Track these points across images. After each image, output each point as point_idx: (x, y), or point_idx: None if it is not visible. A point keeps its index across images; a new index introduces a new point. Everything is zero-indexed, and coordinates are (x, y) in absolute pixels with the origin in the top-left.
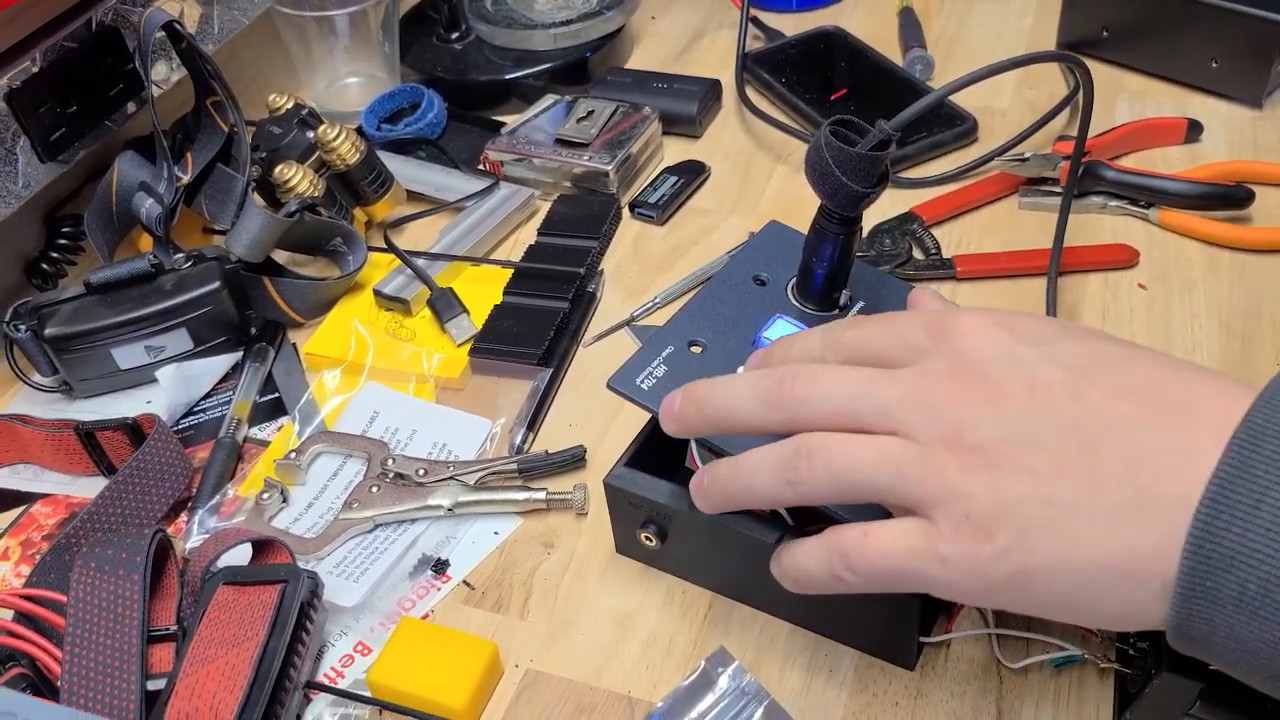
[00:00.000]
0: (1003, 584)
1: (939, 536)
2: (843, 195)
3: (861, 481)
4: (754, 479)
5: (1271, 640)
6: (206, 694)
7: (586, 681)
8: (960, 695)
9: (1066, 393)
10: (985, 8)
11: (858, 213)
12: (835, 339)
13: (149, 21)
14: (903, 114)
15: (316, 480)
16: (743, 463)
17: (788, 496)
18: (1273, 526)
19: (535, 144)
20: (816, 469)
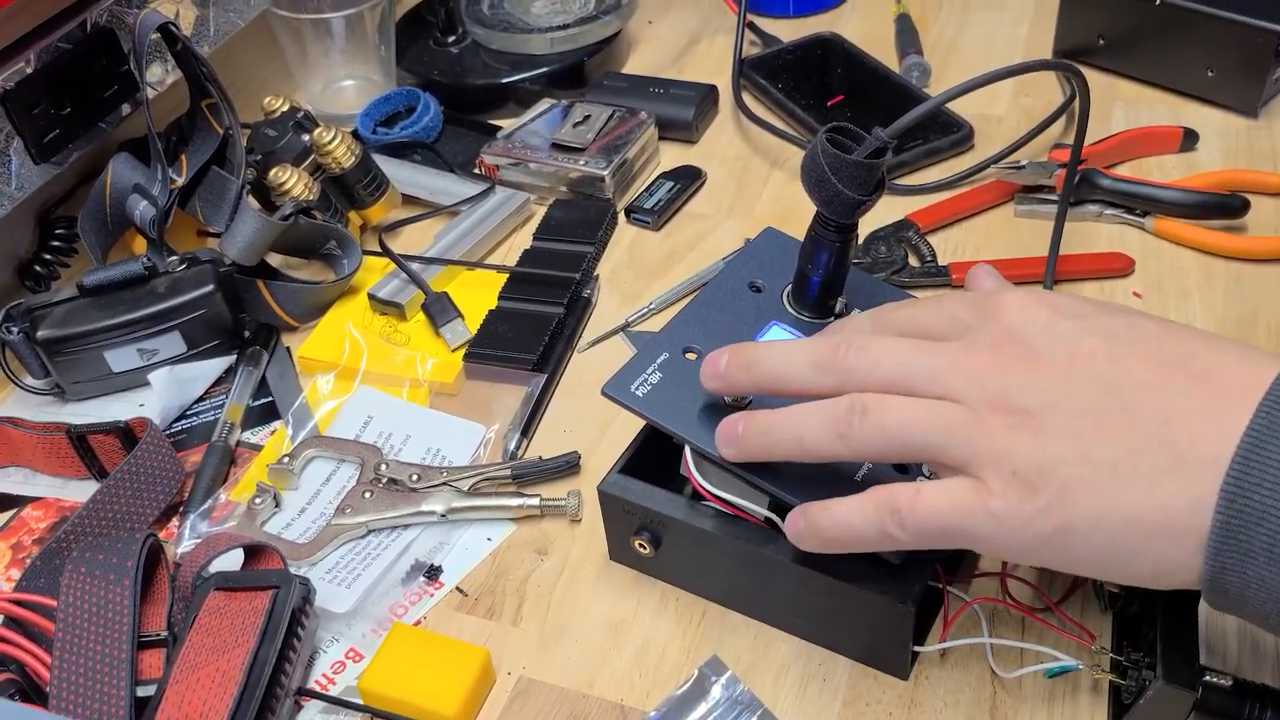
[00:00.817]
0: (1045, 540)
1: (988, 493)
2: (839, 202)
3: (911, 440)
4: (804, 430)
5: None
6: (197, 701)
7: (579, 689)
8: (954, 705)
9: (1105, 361)
10: (981, 15)
11: (854, 220)
12: (886, 318)
13: (144, 23)
14: (899, 121)
15: (309, 485)
16: (792, 414)
17: (837, 450)
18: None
19: (531, 148)
20: (869, 425)
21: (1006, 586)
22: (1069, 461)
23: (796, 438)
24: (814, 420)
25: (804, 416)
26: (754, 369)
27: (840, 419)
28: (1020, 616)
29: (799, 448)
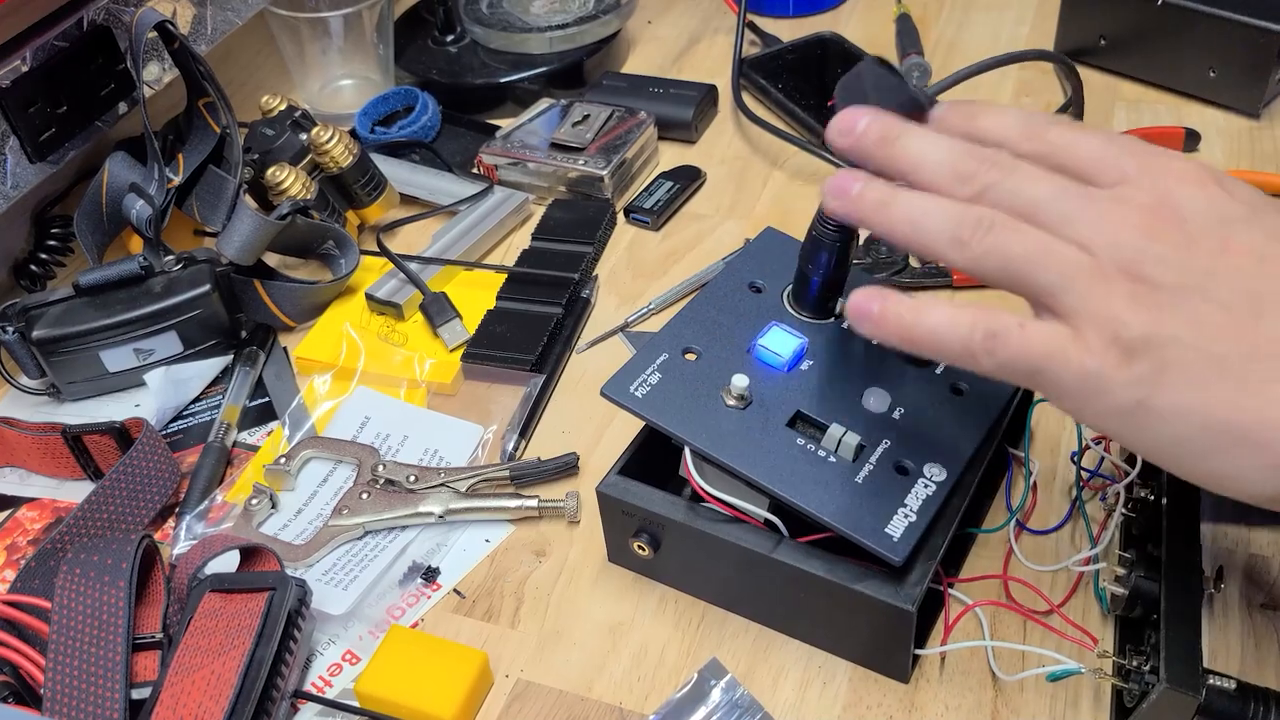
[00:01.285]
0: (1123, 411)
1: (1085, 349)
2: None
3: (1026, 272)
4: (924, 219)
5: None
6: (191, 704)
7: (577, 692)
8: (955, 708)
9: (1255, 260)
10: (983, 15)
11: None
12: (1040, 131)
13: (141, 21)
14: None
15: (306, 486)
16: (919, 198)
17: (949, 255)
18: None
19: (530, 148)
20: (992, 243)
21: (1008, 589)
22: (1179, 344)
23: (912, 222)
24: (939, 214)
25: (931, 205)
26: (892, 145)
27: (965, 224)
28: (1022, 619)
29: (911, 233)
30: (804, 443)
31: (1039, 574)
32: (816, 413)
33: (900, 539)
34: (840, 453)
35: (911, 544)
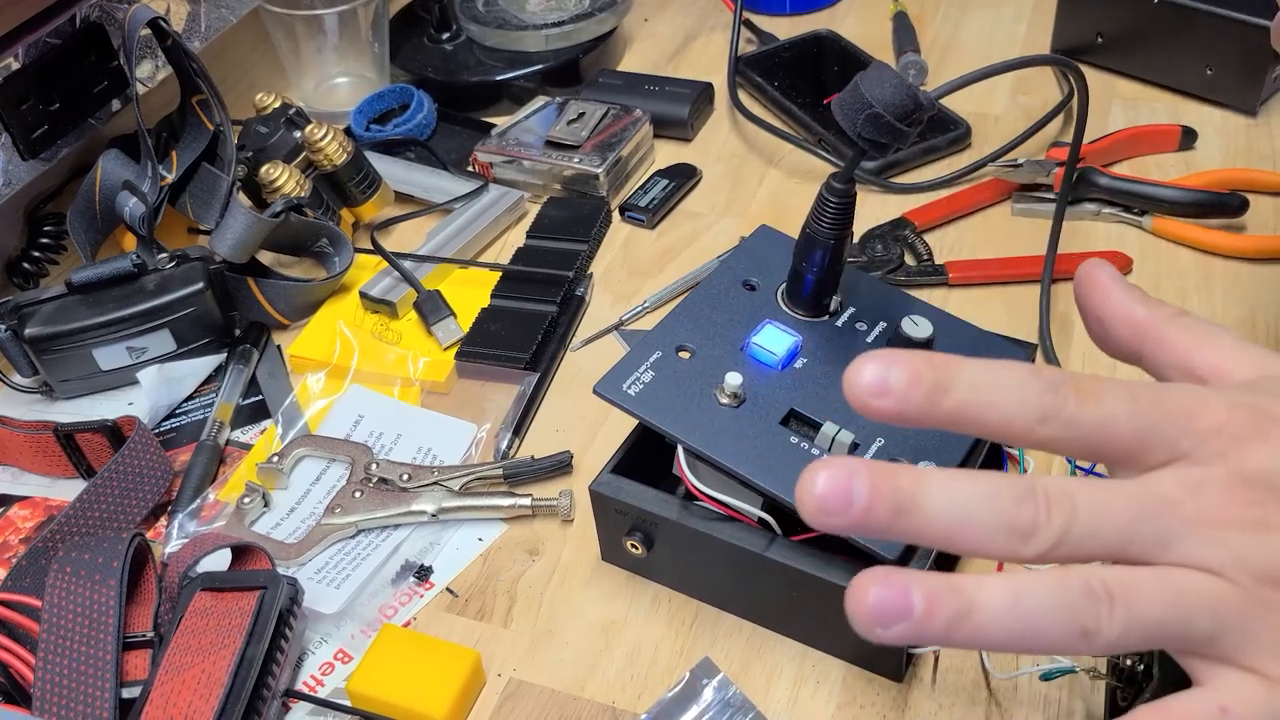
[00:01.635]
0: None
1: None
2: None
3: (1176, 629)
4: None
5: None
6: (182, 703)
7: (570, 691)
8: (949, 708)
9: None
10: (979, 13)
11: (893, 140)
12: (1066, 414)
13: (134, 18)
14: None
15: (299, 485)
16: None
17: (1079, 648)
18: None
19: (525, 146)
20: (1121, 620)
21: None
22: None
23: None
24: (1047, 606)
25: (1031, 600)
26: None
27: (1083, 612)
28: None
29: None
30: (797, 440)
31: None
32: (810, 410)
33: None
34: (834, 450)
35: (904, 544)
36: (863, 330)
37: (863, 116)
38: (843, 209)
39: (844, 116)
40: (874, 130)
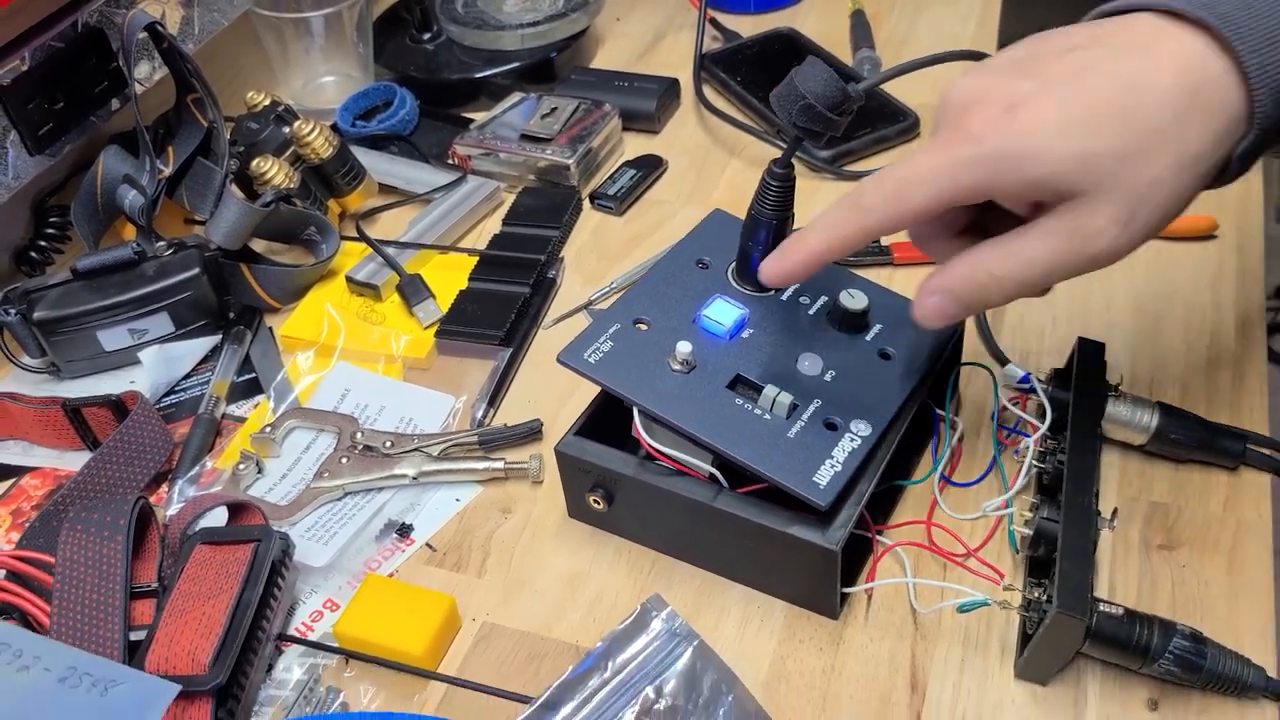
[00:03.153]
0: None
1: None
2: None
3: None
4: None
5: None
6: (185, 641)
7: (538, 633)
8: (879, 640)
9: None
10: (933, 11)
11: (827, 129)
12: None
13: (132, 23)
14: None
15: (290, 453)
16: None
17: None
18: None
19: (501, 139)
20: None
21: (930, 535)
22: None
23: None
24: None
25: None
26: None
27: None
28: (942, 561)
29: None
30: (742, 402)
31: (959, 522)
32: (754, 376)
33: (826, 486)
34: (775, 411)
35: (836, 490)
36: (805, 304)
37: (797, 107)
38: (783, 192)
39: (780, 107)
40: (808, 119)
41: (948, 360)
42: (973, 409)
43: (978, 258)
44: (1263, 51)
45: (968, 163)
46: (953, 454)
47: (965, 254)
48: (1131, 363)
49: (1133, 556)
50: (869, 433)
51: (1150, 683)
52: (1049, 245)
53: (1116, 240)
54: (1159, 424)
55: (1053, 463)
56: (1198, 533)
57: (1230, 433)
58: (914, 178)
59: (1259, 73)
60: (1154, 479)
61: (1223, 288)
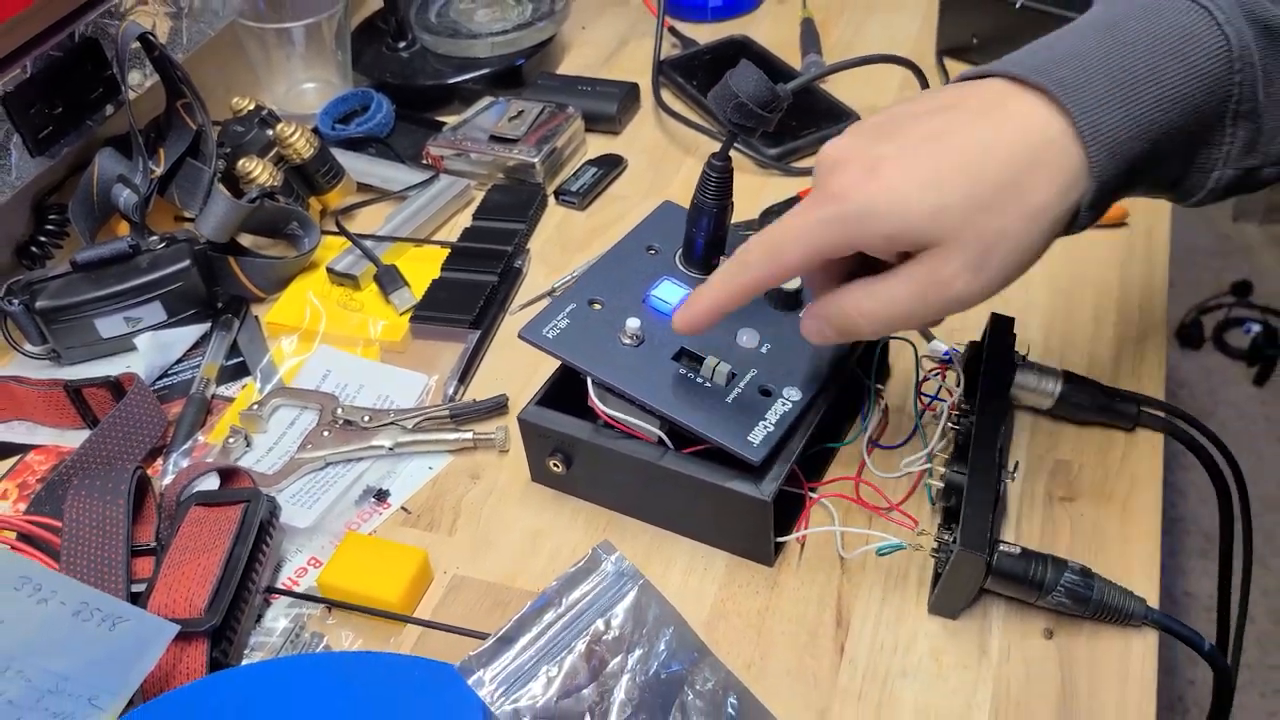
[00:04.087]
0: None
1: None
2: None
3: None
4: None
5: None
6: (182, 590)
7: (503, 583)
8: (809, 583)
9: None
10: (878, 17)
11: (760, 124)
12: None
13: (125, 33)
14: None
15: (276, 428)
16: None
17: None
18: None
19: (472, 140)
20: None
21: (858, 490)
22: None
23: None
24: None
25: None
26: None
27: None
28: (868, 514)
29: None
30: (685, 372)
31: (885, 480)
32: (697, 348)
33: (759, 444)
34: (715, 379)
35: (769, 448)
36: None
37: (731, 105)
38: (722, 182)
39: (717, 106)
40: (741, 116)
41: None
42: (900, 380)
43: (849, 295)
44: (1096, 113)
45: (832, 220)
46: (881, 419)
47: (842, 289)
48: (1045, 337)
49: (1037, 507)
50: (799, 398)
51: (1046, 614)
52: (909, 289)
53: (969, 285)
54: (1062, 390)
55: (966, 424)
56: (1096, 486)
57: (1126, 397)
58: (786, 237)
59: (1092, 133)
60: (1059, 439)
61: (1130, 270)
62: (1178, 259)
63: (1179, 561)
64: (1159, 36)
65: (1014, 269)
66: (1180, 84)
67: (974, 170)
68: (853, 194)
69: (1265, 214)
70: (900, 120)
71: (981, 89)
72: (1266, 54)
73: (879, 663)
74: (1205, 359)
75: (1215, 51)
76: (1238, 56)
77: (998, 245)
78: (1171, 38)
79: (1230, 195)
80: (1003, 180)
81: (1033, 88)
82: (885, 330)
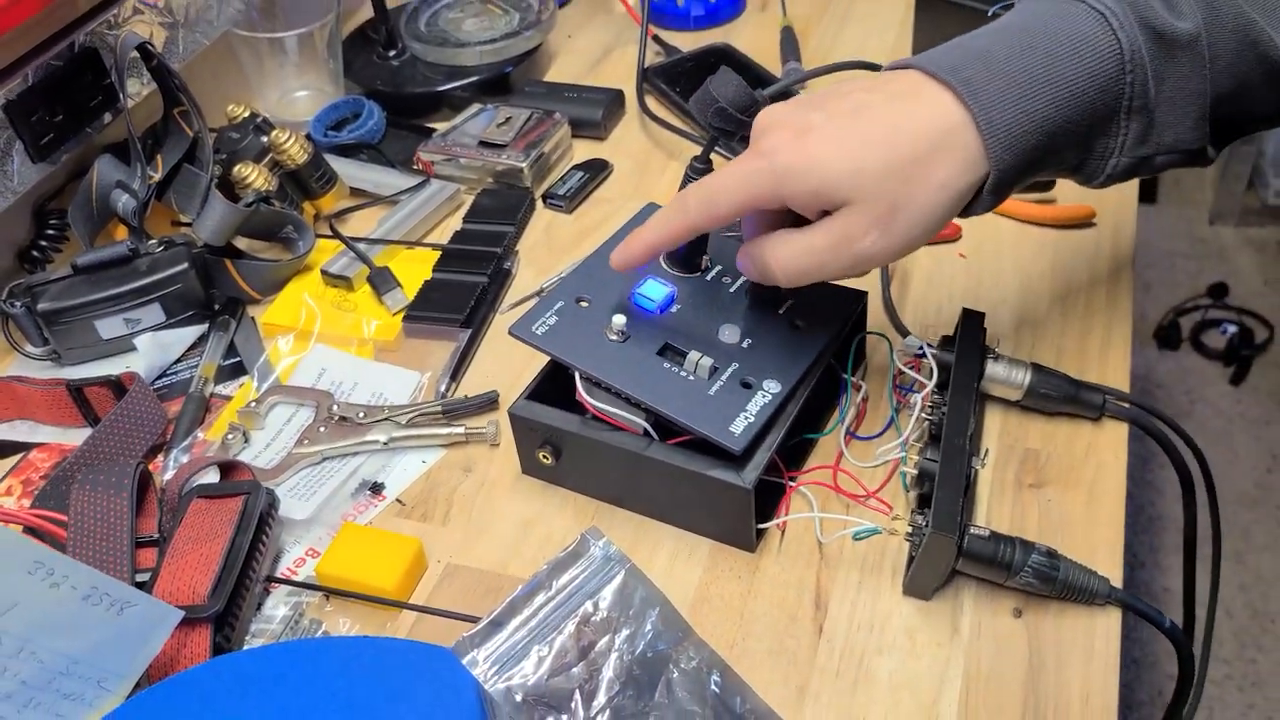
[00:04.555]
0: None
1: None
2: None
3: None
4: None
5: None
6: (185, 578)
7: (495, 570)
8: (789, 568)
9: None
10: (855, 25)
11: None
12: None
13: (124, 43)
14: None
15: (273, 425)
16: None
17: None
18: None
19: (462, 146)
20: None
21: (836, 479)
22: None
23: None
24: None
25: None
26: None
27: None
28: (845, 501)
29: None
30: (669, 366)
31: (862, 469)
32: (680, 344)
33: (740, 434)
34: (698, 373)
35: (749, 439)
36: (727, 284)
37: (711, 110)
38: None
39: (698, 110)
40: (721, 120)
41: (851, 330)
42: (877, 373)
43: (770, 240)
44: (993, 110)
45: (763, 173)
46: (859, 411)
47: (769, 235)
48: (1015, 331)
49: (1007, 494)
50: (779, 390)
51: (1015, 594)
52: (823, 240)
53: (876, 243)
54: (1031, 381)
55: (939, 415)
56: (1063, 473)
57: (1092, 388)
58: (721, 186)
59: (989, 127)
60: (1028, 429)
61: (1097, 268)
62: (1155, 262)
63: (1158, 558)
64: (1059, 40)
65: (917, 234)
66: (1075, 83)
67: (889, 142)
68: (782, 152)
69: (1240, 217)
70: (830, 96)
71: (901, 78)
72: (1156, 57)
73: (856, 642)
74: (1183, 359)
75: (1108, 54)
76: (1129, 59)
77: (904, 210)
78: (1071, 41)
79: (1130, 178)
80: (913, 154)
81: (942, 82)
82: (797, 277)
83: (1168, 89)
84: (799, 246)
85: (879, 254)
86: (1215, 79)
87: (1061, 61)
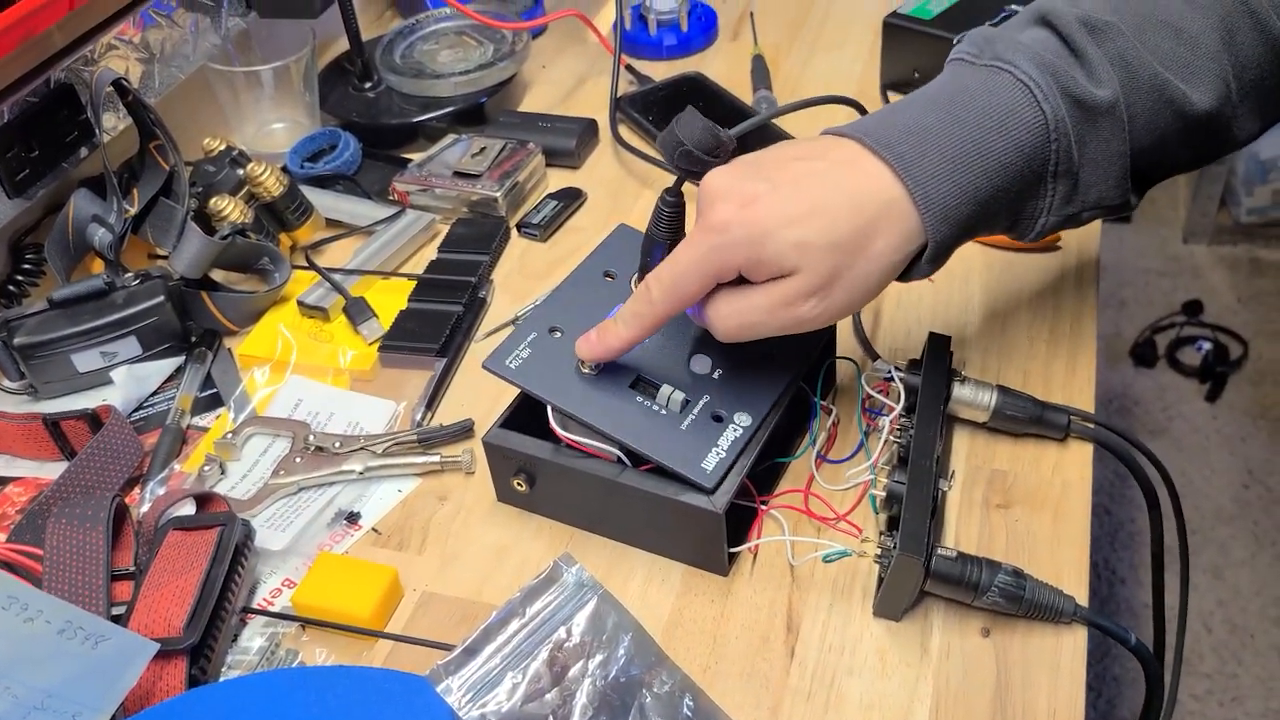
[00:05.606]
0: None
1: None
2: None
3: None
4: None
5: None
6: (161, 610)
7: (469, 598)
8: (761, 591)
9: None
10: (824, 55)
11: (696, 169)
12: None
13: (99, 79)
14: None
15: (250, 456)
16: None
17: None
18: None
19: (437, 176)
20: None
21: (807, 502)
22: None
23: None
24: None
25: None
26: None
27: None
28: (816, 524)
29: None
30: (642, 400)
31: (832, 492)
32: (652, 376)
33: (712, 470)
34: (670, 407)
35: (721, 475)
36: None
37: (677, 152)
38: (674, 216)
39: (664, 151)
40: (687, 162)
41: (821, 355)
42: (847, 397)
43: (717, 296)
44: (927, 185)
45: (720, 249)
46: (829, 435)
47: (718, 294)
48: (982, 355)
49: (975, 514)
50: (749, 423)
51: (983, 614)
52: (764, 301)
53: (813, 310)
54: (997, 402)
55: (907, 437)
56: (1030, 493)
57: (1058, 409)
58: (682, 272)
59: (925, 202)
60: (995, 450)
61: (1063, 291)
62: (1131, 280)
63: (1138, 574)
64: (988, 114)
65: (856, 300)
66: (1004, 155)
67: (832, 214)
68: (734, 225)
69: (1213, 235)
70: (772, 163)
71: (841, 146)
72: (1079, 124)
73: (827, 663)
74: (1159, 377)
75: (1034, 125)
76: (1054, 129)
77: (843, 279)
78: (998, 114)
79: (1060, 230)
80: (855, 226)
81: (879, 156)
82: (735, 334)
83: (1090, 152)
84: (740, 306)
85: (816, 319)
86: (1135, 137)
87: (990, 135)
